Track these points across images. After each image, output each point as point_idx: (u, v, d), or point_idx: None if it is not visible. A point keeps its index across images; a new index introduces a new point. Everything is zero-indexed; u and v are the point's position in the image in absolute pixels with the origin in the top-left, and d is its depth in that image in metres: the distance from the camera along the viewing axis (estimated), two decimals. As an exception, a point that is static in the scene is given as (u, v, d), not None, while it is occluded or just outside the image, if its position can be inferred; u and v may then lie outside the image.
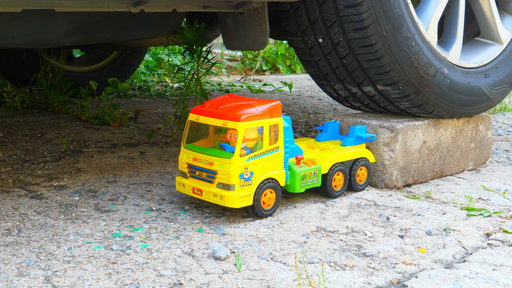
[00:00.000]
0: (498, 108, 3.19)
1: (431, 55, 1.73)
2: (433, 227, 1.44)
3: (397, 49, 1.65)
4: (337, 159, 1.59)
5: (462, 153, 1.91)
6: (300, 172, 1.48)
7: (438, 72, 1.74)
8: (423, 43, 1.71)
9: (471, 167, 1.96)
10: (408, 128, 1.72)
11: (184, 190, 1.47)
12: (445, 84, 1.76)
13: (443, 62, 1.76)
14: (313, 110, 3.11)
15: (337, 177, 1.60)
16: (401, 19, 1.65)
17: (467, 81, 1.83)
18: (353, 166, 1.64)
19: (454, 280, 1.15)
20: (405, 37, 1.66)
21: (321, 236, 1.36)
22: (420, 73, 1.70)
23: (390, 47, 1.64)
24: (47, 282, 1.09)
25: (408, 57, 1.67)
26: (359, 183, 1.67)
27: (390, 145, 1.69)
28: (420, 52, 1.69)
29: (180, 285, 1.10)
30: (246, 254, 1.24)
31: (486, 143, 1.99)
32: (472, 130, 1.93)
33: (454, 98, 1.79)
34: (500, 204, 1.62)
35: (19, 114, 2.76)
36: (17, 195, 1.59)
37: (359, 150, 1.66)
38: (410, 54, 1.67)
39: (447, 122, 1.84)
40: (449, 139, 1.86)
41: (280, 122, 1.43)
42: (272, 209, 1.45)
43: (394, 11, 1.63)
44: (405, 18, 1.66)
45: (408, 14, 1.68)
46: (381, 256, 1.26)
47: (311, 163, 1.52)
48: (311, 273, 1.15)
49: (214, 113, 1.42)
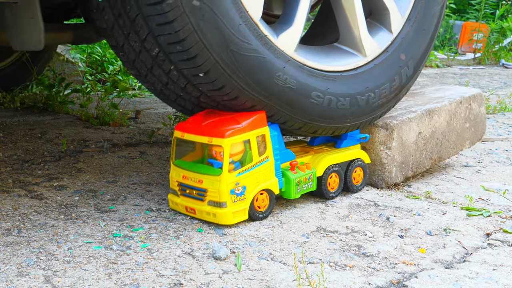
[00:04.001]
0: (498, 108, 3.19)
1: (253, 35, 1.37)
2: (433, 227, 1.44)
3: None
4: (332, 161, 1.58)
5: (458, 135, 1.91)
6: (295, 178, 1.47)
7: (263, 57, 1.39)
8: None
9: (468, 146, 1.95)
10: (403, 123, 1.71)
11: (177, 208, 1.46)
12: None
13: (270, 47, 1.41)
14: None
15: (332, 178, 1.59)
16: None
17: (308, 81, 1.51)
18: (348, 167, 1.63)
19: (454, 280, 1.15)
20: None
21: (321, 236, 1.36)
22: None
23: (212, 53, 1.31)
24: (47, 282, 1.09)
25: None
26: (356, 184, 1.66)
27: (386, 144, 1.69)
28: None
29: (180, 285, 1.10)
30: (246, 254, 1.24)
31: (480, 119, 1.98)
32: (466, 110, 1.91)
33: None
34: (500, 204, 1.62)
35: (19, 114, 2.76)
36: (17, 195, 1.59)
37: (354, 151, 1.65)
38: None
39: (440, 109, 1.83)
40: (444, 124, 1.84)
41: (266, 131, 1.42)
42: (266, 211, 1.45)
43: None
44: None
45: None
46: (381, 256, 1.26)
47: (306, 167, 1.51)
48: (311, 273, 1.15)
49: (198, 129, 1.39)
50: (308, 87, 1.48)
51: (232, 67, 1.34)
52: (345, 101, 1.56)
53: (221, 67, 1.33)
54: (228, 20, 1.31)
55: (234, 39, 1.32)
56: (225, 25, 1.30)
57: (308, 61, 1.50)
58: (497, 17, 6.37)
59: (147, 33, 1.31)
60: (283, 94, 1.43)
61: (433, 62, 5.72)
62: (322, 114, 1.52)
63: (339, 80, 1.55)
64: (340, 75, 1.56)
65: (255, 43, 1.36)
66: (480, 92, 1.98)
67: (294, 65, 1.46)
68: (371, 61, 1.63)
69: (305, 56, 1.51)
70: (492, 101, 3.36)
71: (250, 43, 1.35)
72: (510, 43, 6.47)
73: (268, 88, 1.40)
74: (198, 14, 1.27)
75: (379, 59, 1.65)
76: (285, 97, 1.44)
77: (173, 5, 1.24)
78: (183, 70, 1.35)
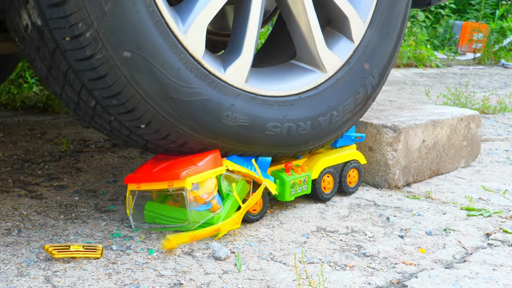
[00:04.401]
0: (498, 108, 3.19)
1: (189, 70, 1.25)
2: (433, 227, 1.44)
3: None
4: (327, 163, 1.56)
5: (456, 151, 1.92)
6: (290, 180, 1.45)
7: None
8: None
9: (463, 165, 1.97)
10: (410, 128, 1.73)
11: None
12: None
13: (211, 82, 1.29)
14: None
15: (326, 179, 1.57)
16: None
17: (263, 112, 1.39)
18: (343, 169, 1.62)
19: (454, 280, 1.15)
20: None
21: (321, 236, 1.36)
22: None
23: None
24: (47, 282, 1.09)
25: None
26: (350, 186, 1.64)
27: (393, 145, 1.70)
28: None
29: (180, 285, 1.10)
30: (246, 254, 1.24)
31: (476, 140, 2.01)
32: (465, 128, 1.94)
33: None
34: (500, 204, 1.62)
35: (19, 114, 2.76)
36: (17, 195, 1.58)
37: (349, 153, 1.63)
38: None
39: (443, 121, 1.84)
40: (445, 137, 1.86)
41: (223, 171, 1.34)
42: (259, 213, 1.43)
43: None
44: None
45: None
46: (381, 256, 1.26)
47: (301, 170, 1.49)
48: (311, 273, 1.15)
49: (154, 176, 1.30)
50: (263, 119, 1.38)
51: (174, 114, 1.24)
52: (306, 125, 1.46)
53: (163, 116, 1.24)
54: (165, 66, 1.21)
55: (173, 85, 1.22)
56: (162, 72, 1.20)
57: (262, 90, 1.39)
58: (497, 17, 6.37)
59: (80, 87, 1.20)
60: (234, 133, 1.34)
61: (433, 62, 5.72)
62: (282, 143, 1.43)
63: (298, 103, 1.45)
64: (299, 98, 1.46)
65: (198, 85, 1.26)
66: (479, 113, 2.00)
67: (245, 98, 1.35)
68: (332, 76, 1.52)
69: (258, 85, 1.40)
70: (492, 101, 3.36)
71: (193, 87, 1.26)
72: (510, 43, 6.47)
73: (216, 130, 1.31)
74: (131, 66, 1.17)
75: (340, 73, 1.53)
76: (237, 136, 1.35)
77: (103, 59, 1.14)
78: (124, 122, 1.25)
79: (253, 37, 1.37)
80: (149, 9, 1.18)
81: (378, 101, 3.48)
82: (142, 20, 1.17)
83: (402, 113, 1.90)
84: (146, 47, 1.18)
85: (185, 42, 1.25)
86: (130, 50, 1.16)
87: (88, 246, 1.20)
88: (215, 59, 1.33)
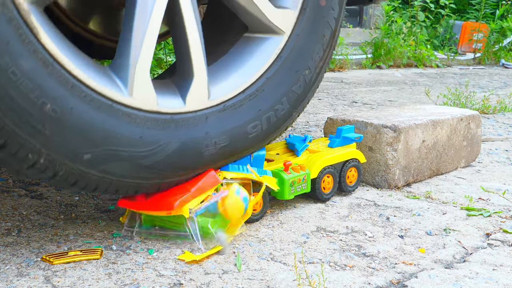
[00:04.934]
0: (498, 108, 3.19)
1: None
2: (433, 227, 1.44)
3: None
4: (326, 162, 1.56)
5: (456, 151, 1.92)
6: (288, 179, 1.45)
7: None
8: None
9: (463, 165, 1.98)
10: (410, 128, 1.73)
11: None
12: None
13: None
14: (313, 110, 3.11)
15: (326, 179, 1.57)
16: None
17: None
18: (343, 168, 1.62)
19: (454, 280, 1.15)
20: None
21: (321, 236, 1.36)
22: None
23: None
24: (47, 282, 1.09)
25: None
26: (349, 185, 1.64)
27: (393, 145, 1.70)
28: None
29: (180, 285, 1.10)
30: (246, 254, 1.24)
31: (476, 140, 2.01)
32: (465, 129, 1.94)
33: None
34: (500, 204, 1.62)
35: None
36: (17, 195, 1.59)
37: (349, 152, 1.63)
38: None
39: (443, 121, 1.85)
40: (445, 137, 1.86)
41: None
42: (260, 213, 1.43)
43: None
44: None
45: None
46: (381, 256, 1.26)
47: (300, 168, 1.49)
48: (311, 273, 1.15)
49: (148, 205, 1.26)
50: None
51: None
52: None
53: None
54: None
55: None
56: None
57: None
58: (497, 17, 6.37)
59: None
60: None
61: (433, 62, 5.72)
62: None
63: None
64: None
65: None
66: (479, 113, 2.00)
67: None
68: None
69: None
70: (492, 101, 3.37)
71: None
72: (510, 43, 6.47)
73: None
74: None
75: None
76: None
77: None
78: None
79: (199, 60, 1.24)
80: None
81: (378, 101, 3.48)
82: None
83: (402, 113, 1.90)
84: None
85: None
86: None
87: (87, 250, 1.20)
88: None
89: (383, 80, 4.54)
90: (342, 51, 5.14)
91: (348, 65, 5.16)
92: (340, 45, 5.11)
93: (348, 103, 3.41)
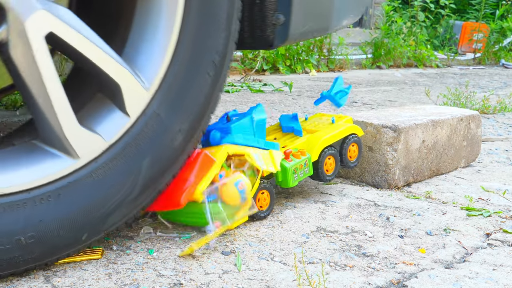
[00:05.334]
0: (498, 108, 3.19)
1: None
2: (433, 227, 1.44)
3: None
4: (326, 143, 1.55)
5: (456, 151, 1.93)
6: (290, 167, 1.45)
7: None
8: None
9: (463, 165, 1.98)
10: (410, 128, 1.73)
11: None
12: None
13: None
14: (313, 110, 3.12)
15: (328, 162, 1.56)
16: None
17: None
18: (343, 144, 1.60)
19: (454, 280, 1.15)
20: None
21: (321, 236, 1.36)
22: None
23: None
24: (47, 282, 1.09)
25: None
26: (350, 160, 1.63)
27: (393, 145, 1.70)
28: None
29: (180, 285, 1.10)
30: (246, 254, 1.24)
31: (476, 140, 2.01)
32: (465, 129, 1.94)
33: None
34: (500, 204, 1.62)
35: (19, 114, 2.76)
36: (17, 195, 1.58)
37: (348, 127, 1.61)
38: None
39: (443, 121, 1.85)
40: (445, 137, 1.87)
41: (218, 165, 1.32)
42: (267, 210, 1.44)
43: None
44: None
45: None
46: (381, 256, 1.26)
47: (301, 154, 1.49)
48: (311, 273, 1.15)
49: (159, 206, 1.31)
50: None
51: None
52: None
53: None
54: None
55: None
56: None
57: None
58: (497, 17, 6.37)
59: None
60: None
61: (433, 62, 5.72)
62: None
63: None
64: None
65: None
66: (478, 113, 2.00)
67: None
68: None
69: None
70: (492, 101, 3.37)
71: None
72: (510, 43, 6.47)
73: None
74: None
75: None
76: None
77: None
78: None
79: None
80: None
81: (378, 101, 3.49)
82: None
83: (402, 113, 1.90)
84: None
85: None
86: None
87: (87, 250, 1.20)
88: None
89: (383, 80, 4.55)
90: (342, 51, 5.14)
91: (348, 65, 5.17)
92: (340, 45, 5.11)
93: (348, 103, 3.41)
